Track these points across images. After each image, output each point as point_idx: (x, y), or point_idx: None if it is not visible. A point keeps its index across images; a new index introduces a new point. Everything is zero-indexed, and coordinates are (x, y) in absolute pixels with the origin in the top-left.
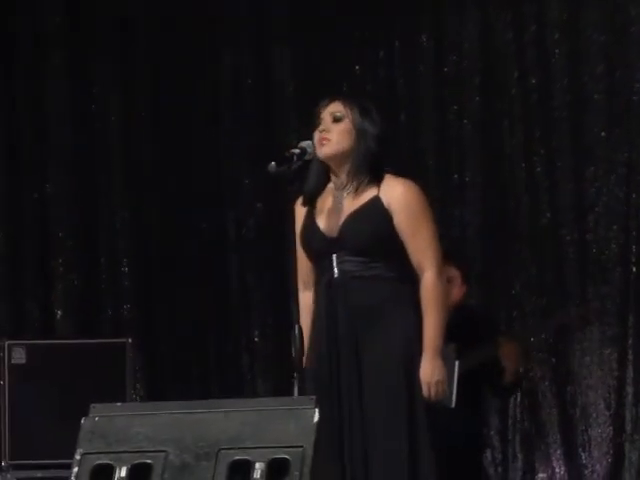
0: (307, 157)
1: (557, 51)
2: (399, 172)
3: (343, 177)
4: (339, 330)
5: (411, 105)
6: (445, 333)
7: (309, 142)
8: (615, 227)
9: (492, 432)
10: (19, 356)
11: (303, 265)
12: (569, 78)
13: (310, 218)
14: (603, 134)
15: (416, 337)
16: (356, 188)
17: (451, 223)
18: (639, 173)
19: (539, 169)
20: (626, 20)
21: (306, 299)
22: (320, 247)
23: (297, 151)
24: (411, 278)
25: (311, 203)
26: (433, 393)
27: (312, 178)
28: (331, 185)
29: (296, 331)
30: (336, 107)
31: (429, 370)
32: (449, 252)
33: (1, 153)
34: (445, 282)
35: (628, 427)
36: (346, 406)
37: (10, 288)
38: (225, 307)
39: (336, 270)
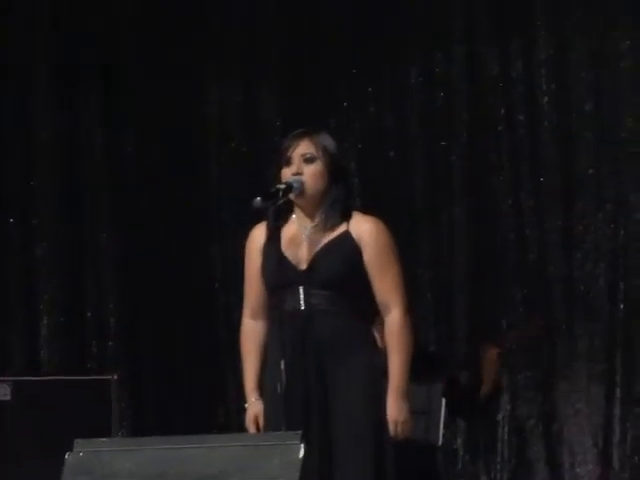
0: (294, 193)
1: (545, 87)
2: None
3: (312, 213)
4: (305, 362)
5: (400, 141)
6: (410, 372)
7: (295, 178)
8: (602, 264)
9: (480, 470)
10: (4, 393)
11: (254, 292)
12: (557, 114)
13: (273, 246)
14: (591, 171)
15: (381, 377)
16: (327, 224)
17: (438, 259)
18: (627, 210)
19: (527, 205)
20: (615, 55)
21: (255, 329)
22: (286, 278)
23: (283, 187)
24: (374, 316)
25: (277, 233)
26: (400, 432)
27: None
28: (294, 216)
29: (282, 366)
30: (306, 148)
31: (396, 410)
32: None
33: None
34: (411, 321)
35: (616, 465)
36: (315, 441)
37: None
38: (212, 342)
39: (302, 302)
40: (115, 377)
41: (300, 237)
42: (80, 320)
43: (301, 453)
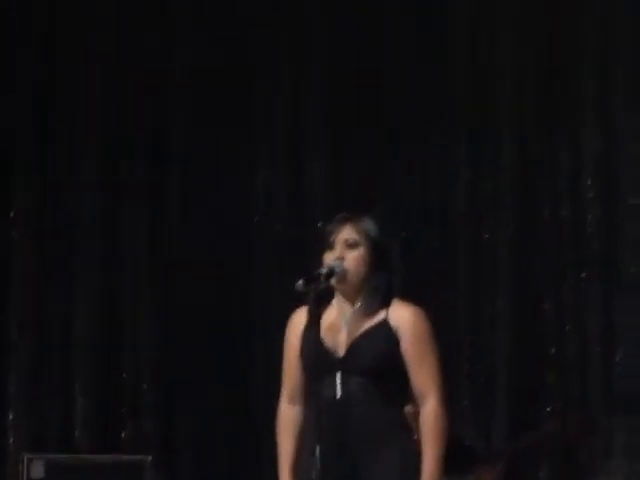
0: (336, 277)
1: (589, 183)
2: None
3: (353, 299)
4: (341, 450)
5: (444, 229)
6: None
7: (337, 263)
8: None
9: None
10: (38, 470)
11: (292, 377)
12: (601, 209)
13: (313, 331)
14: (632, 269)
15: (416, 468)
16: (366, 311)
17: (481, 349)
18: None
19: (568, 298)
20: None
21: (292, 414)
22: (323, 363)
23: (325, 271)
24: (411, 402)
25: (318, 318)
26: None
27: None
28: (334, 301)
29: (317, 452)
30: (349, 233)
31: None
32: None
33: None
34: (447, 412)
35: None
36: None
37: (31, 402)
38: (249, 425)
39: (339, 389)
40: (150, 458)
41: (340, 323)
42: (116, 398)
43: None
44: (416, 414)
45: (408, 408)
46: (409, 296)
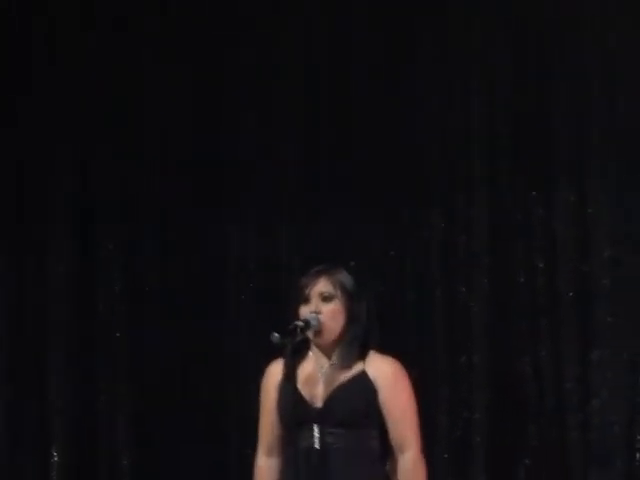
0: (312, 330)
1: (563, 235)
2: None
3: (329, 351)
4: None
5: (420, 283)
6: None
7: (313, 316)
8: (620, 412)
9: None
10: None
11: (269, 429)
12: (575, 263)
13: (289, 384)
14: (609, 319)
15: None
16: (343, 363)
17: (458, 404)
18: None
19: (544, 353)
20: (633, 205)
21: (269, 466)
22: (301, 416)
23: (301, 324)
24: (388, 453)
25: (294, 370)
26: None
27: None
28: (311, 353)
29: None
30: (325, 286)
31: None
32: None
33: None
34: (425, 463)
35: None
36: None
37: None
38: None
39: (317, 441)
40: None
41: (316, 375)
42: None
43: None
44: (394, 469)
45: (387, 463)
46: (385, 349)
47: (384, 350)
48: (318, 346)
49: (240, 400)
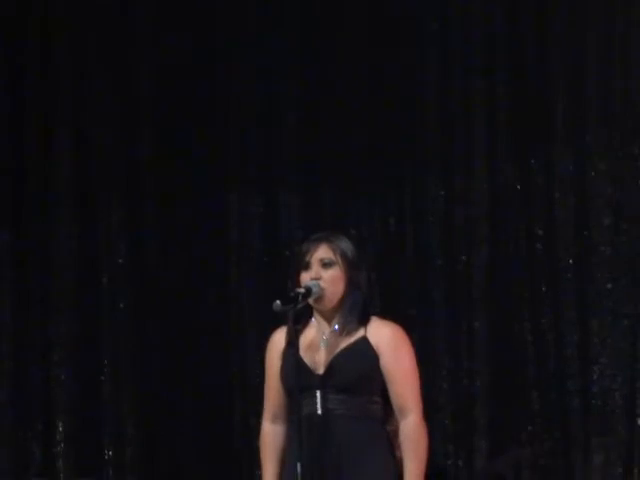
0: (313, 297)
1: (563, 202)
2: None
3: (330, 317)
4: (322, 466)
5: (419, 255)
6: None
7: (314, 282)
8: (619, 379)
9: None
10: None
11: (274, 397)
12: (574, 229)
13: (292, 350)
14: (609, 285)
15: None
16: (344, 329)
17: (459, 373)
18: None
19: (544, 320)
20: (634, 172)
21: (275, 433)
22: (304, 382)
23: (302, 291)
24: (390, 418)
25: (296, 339)
26: None
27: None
28: (312, 319)
29: (298, 469)
30: (325, 253)
31: None
32: None
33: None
34: (426, 427)
35: None
36: None
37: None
38: (229, 448)
39: (319, 406)
40: None
41: (318, 341)
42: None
43: None
44: (395, 431)
45: (389, 427)
46: (386, 317)
47: (385, 318)
48: (320, 313)
49: (244, 369)
